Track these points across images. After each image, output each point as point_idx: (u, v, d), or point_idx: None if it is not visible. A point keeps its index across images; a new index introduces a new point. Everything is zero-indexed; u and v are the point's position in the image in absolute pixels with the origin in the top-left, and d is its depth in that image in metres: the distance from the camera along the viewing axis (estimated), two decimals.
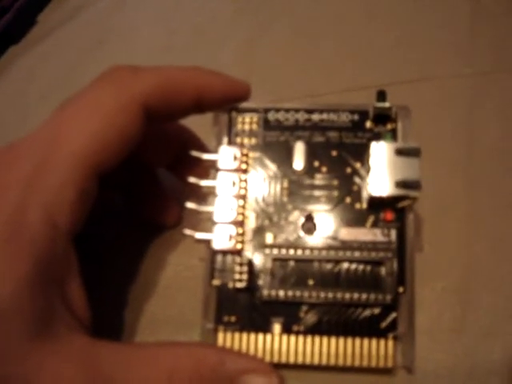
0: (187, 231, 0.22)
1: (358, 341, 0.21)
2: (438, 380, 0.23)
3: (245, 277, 0.21)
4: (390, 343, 0.21)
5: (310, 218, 0.22)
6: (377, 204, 0.22)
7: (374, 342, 0.21)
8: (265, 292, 0.21)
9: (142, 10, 0.37)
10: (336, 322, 0.21)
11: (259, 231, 0.22)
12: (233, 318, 0.22)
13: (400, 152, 0.21)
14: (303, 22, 0.34)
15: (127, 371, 0.18)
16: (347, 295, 0.21)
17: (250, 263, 0.22)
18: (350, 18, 0.34)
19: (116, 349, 0.19)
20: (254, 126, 0.23)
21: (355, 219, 0.22)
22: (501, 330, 0.24)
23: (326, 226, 0.22)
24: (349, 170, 0.23)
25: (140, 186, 0.26)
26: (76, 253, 0.19)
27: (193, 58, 0.33)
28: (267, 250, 0.22)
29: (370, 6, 0.34)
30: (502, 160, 0.27)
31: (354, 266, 0.22)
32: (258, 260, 0.22)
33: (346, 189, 0.22)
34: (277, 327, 0.21)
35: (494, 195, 0.27)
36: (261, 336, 0.21)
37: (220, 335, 0.22)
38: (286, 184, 0.23)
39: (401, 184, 0.21)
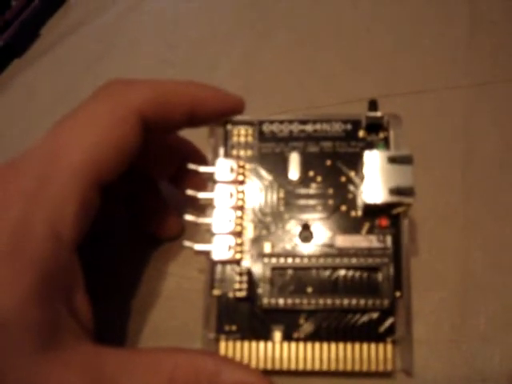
0: (187, 243, 0.22)
1: (357, 346, 0.21)
2: None
3: (244, 286, 0.22)
4: (389, 347, 0.21)
5: (306, 227, 0.23)
6: (372, 211, 0.22)
7: (373, 346, 0.21)
8: (265, 300, 0.22)
9: (141, 26, 0.37)
10: (335, 327, 0.22)
11: (257, 241, 0.23)
12: (234, 327, 0.22)
13: (393, 160, 0.21)
14: (301, 35, 0.35)
15: (130, 377, 0.18)
16: (345, 301, 0.22)
17: (250, 273, 0.22)
18: (347, 31, 0.34)
19: (119, 355, 0.19)
20: (250, 138, 0.24)
21: (351, 227, 0.23)
22: (499, 338, 0.24)
23: (323, 234, 0.23)
24: (343, 178, 0.23)
25: (142, 199, 0.27)
26: (80, 263, 0.20)
27: (192, 72, 0.33)
28: (266, 259, 0.22)
29: (367, 18, 0.35)
30: (499, 170, 0.28)
31: (351, 273, 0.22)
32: (257, 269, 0.22)
33: (341, 197, 0.23)
34: (277, 335, 0.22)
35: (492, 205, 0.27)
36: (262, 344, 0.22)
37: (222, 344, 0.22)
38: (282, 194, 0.23)
39: (395, 191, 0.21)
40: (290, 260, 0.22)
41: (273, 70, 0.33)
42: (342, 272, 0.22)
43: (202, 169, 0.23)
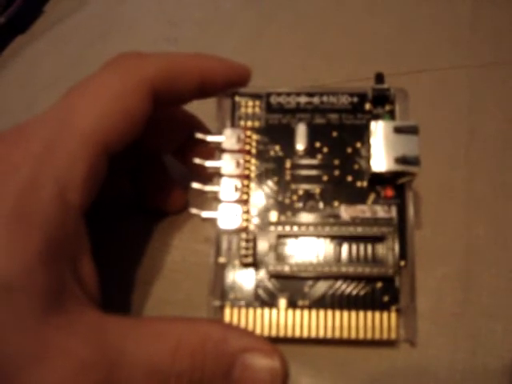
0: (194, 210, 0.22)
1: (361, 314, 0.22)
2: (440, 363, 0.23)
3: (250, 253, 0.22)
4: (393, 315, 0.22)
5: (312, 197, 0.23)
6: (377, 181, 0.22)
7: (377, 314, 0.22)
8: (270, 268, 0.22)
9: (145, 3, 0.37)
10: (340, 295, 0.22)
11: (264, 209, 0.23)
12: (239, 295, 0.22)
13: (399, 130, 0.22)
14: (306, 13, 0.35)
15: (134, 346, 0.18)
16: (350, 269, 0.22)
17: (256, 240, 0.22)
18: (352, 9, 0.35)
19: (124, 324, 0.19)
20: (257, 110, 0.24)
21: (356, 197, 0.23)
22: (502, 312, 0.24)
23: (328, 203, 0.23)
24: (349, 149, 0.23)
25: (147, 172, 0.27)
26: (87, 230, 0.20)
27: (196, 50, 0.33)
28: (272, 228, 0.22)
29: None
30: (502, 147, 0.28)
31: (356, 242, 0.22)
32: (263, 237, 0.22)
33: (346, 168, 0.23)
34: (282, 302, 0.22)
35: (495, 182, 0.27)
36: (267, 311, 0.22)
37: (227, 311, 0.22)
38: (288, 164, 0.23)
39: (400, 160, 0.21)
40: (295, 228, 0.22)
41: (276, 50, 0.34)
42: (348, 241, 0.22)
43: (210, 138, 0.23)
